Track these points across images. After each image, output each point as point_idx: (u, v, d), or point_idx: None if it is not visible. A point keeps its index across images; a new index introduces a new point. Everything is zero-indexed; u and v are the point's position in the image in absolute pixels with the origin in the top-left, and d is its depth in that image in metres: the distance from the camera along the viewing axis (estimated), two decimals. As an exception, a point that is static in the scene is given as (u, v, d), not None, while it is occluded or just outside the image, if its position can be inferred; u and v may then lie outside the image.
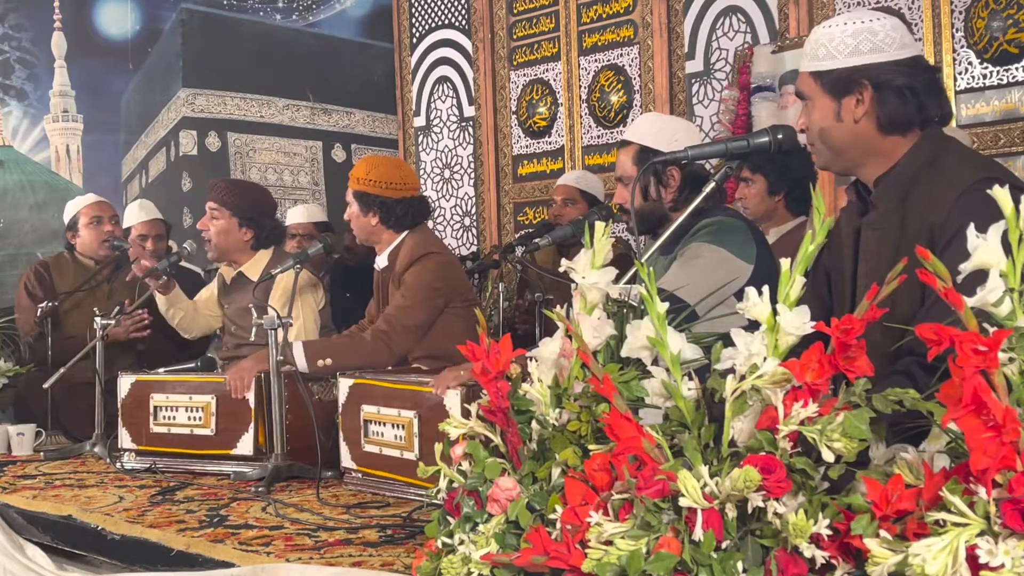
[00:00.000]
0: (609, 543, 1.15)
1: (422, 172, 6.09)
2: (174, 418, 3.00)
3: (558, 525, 1.24)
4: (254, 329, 3.34)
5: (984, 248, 1.11)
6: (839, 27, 1.87)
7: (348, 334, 3.17)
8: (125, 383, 3.11)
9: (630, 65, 5.11)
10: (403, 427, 2.44)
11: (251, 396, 2.84)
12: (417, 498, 2.34)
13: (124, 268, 4.13)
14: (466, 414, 1.49)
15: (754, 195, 3.62)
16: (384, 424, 2.51)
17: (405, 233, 3.19)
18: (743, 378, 1.19)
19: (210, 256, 3.60)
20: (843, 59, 1.85)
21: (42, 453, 3.29)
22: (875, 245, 1.86)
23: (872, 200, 1.90)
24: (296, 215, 5.02)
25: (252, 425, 2.84)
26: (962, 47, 3.96)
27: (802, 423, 1.12)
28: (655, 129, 2.67)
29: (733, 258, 2.46)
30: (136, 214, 4.68)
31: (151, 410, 3.03)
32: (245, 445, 2.85)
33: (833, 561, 1.09)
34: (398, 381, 2.55)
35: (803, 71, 1.94)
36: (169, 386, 3.03)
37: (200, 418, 2.94)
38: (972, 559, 0.97)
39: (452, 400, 2.28)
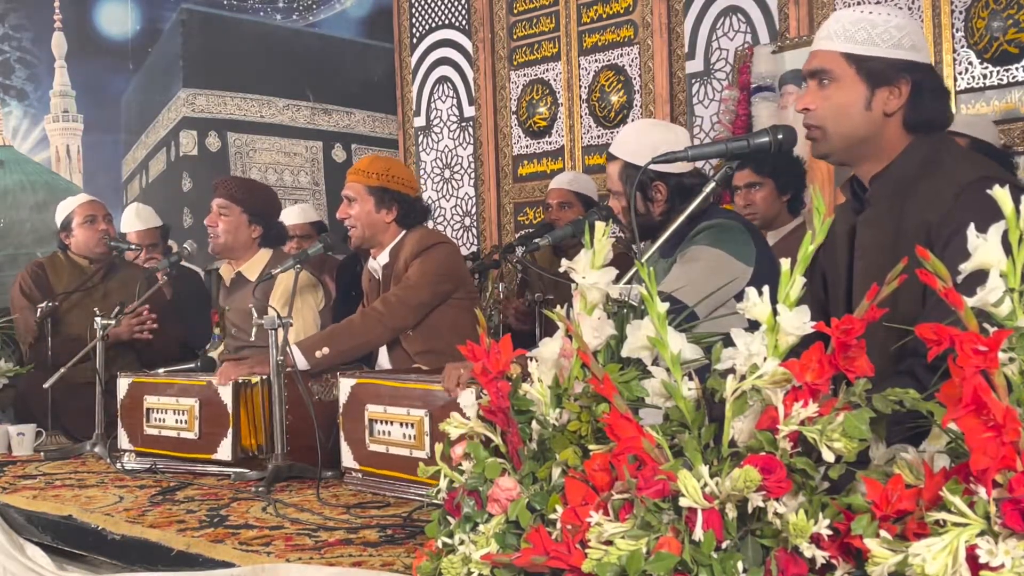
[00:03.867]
0: (609, 543, 1.15)
1: (422, 172, 6.09)
2: (164, 420, 3.00)
3: (558, 525, 1.24)
4: (254, 330, 3.34)
5: (984, 248, 1.11)
6: (882, 16, 1.85)
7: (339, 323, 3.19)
8: (123, 384, 3.11)
9: (630, 65, 5.11)
10: (412, 426, 2.44)
11: (229, 401, 2.83)
12: (417, 498, 2.34)
13: (120, 268, 4.13)
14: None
15: (763, 199, 3.60)
16: (391, 423, 2.51)
17: (404, 232, 3.21)
18: (743, 378, 1.19)
19: (212, 251, 3.59)
20: (885, 49, 1.84)
21: (42, 453, 3.29)
22: (871, 242, 1.86)
23: (868, 198, 1.89)
24: (292, 216, 5.00)
25: (231, 430, 2.83)
26: (962, 47, 3.96)
27: (802, 423, 1.12)
28: (640, 142, 2.62)
29: (733, 260, 2.46)
30: (131, 222, 4.69)
31: (144, 412, 3.03)
32: (224, 450, 2.85)
33: (833, 561, 1.09)
34: (405, 380, 2.55)
35: (831, 49, 1.88)
36: (160, 388, 3.03)
37: (185, 421, 2.94)
38: (972, 559, 0.97)
39: (467, 399, 2.27)
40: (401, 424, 2.48)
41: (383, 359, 3.26)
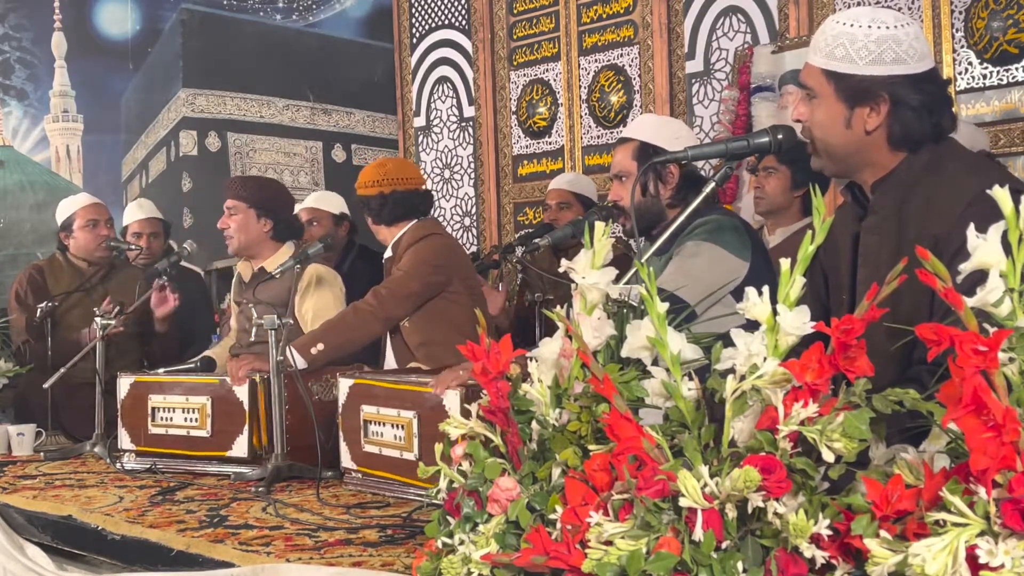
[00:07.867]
0: (609, 543, 1.15)
1: (422, 172, 6.09)
2: (171, 419, 2.99)
3: (558, 525, 1.24)
4: (253, 328, 3.33)
5: (984, 248, 1.11)
6: (862, 29, 1.78)
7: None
8: (124, 383, 3.10)
9: (630, 65, 5.11)
10: (403, 427, 2.44)
11: (245, 398, 2.84)
12: (417, 498, 2.34)
13: (120, 269, 4.13)
14: (466, 414, 1.49)
15: (773, 187, 3.56)
16: (384, 424, 2.51)
17: (409, 225, 3.25)
18: (743, 378, 1.19)
19: (231, 251, 3.58)
20: (863, 66, 1.78)
21: (42, 453, 3.29)
22: (875, 250, 1.83)
23: (871, 205, 1.87)
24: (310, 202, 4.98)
25: (247, 427, 2.83)
26: (962, 47, 3.96)
27: (802, 423, 1.12)
28: (655, 126, 2.71)
29: (730, 255, 2.47)
30: (133, 212, 4.69)
31: (149, 411, 3.03)
32: (240, 447, 2.85)
33: (833, 561, 1.09)
34: (398, 381, 2.55)
35: (814, 64, 1.85)
36: (167, 387, 3.03)
37: (196, 419, 2.93)
38: (972, 559, 0.97)
39: (452, 400, 2.28)
40: (392, 425, 2.48)
41: (388, 352, 3.28)
